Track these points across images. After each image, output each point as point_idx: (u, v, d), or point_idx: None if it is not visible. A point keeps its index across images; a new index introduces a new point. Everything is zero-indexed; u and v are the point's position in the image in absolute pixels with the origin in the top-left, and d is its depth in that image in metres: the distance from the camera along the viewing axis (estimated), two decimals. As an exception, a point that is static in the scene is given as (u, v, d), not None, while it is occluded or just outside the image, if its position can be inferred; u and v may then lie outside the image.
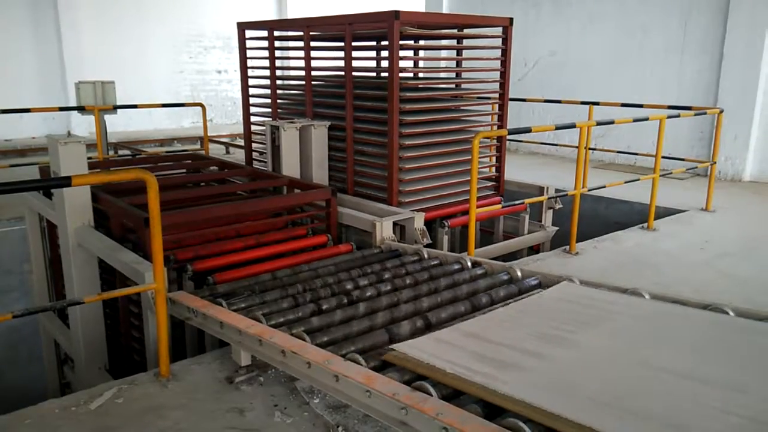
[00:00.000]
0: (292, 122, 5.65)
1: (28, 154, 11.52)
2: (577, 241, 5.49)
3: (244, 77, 6.90)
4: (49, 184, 4.29)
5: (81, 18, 14.31)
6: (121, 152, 10.88)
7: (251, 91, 6.95)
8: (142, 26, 15.35)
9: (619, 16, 9.86)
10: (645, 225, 6.20)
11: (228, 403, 2.88)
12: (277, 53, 6.62)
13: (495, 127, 6.09)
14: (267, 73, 6.63)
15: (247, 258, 4.31)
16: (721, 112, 6.78)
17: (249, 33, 6.83)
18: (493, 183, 6.23)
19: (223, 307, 3.36)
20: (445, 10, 12.35)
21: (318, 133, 5.65)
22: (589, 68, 10.29)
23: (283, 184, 5.42)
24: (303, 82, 6.27)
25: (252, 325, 3.06)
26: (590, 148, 7.78)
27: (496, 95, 6.08)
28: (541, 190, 6.29)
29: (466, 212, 5.77)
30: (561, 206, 6.31)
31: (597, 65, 10.20)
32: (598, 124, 5.74)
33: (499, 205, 5.55)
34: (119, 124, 13.26)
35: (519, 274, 3.86)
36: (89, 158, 4.68)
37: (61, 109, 9.34)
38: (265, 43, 6.57)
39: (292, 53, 6.39)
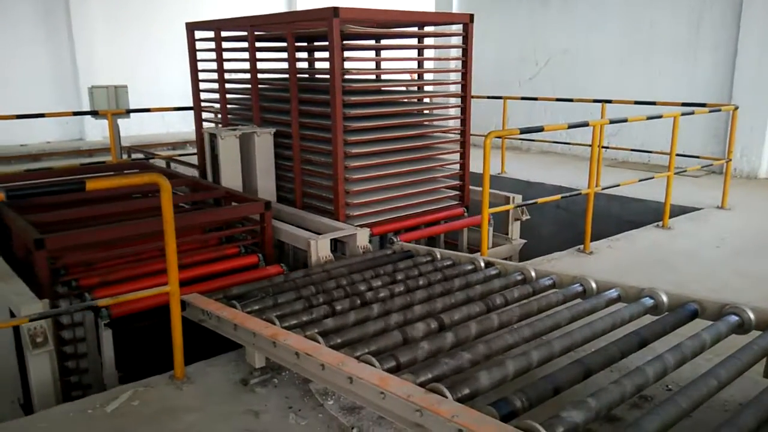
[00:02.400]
0: (232, 129, 5.25)
1: (42, 158, 11.64)
2: (591, 241, 5.45)
3: (195, 80, 6.56)
4: (62, 188, 4.25)
5: (93, 23, 14.42)
6: (134, 156, 10.94)
7: (202, 95, 6.61)
8: (153, 30, 15.41)
9: (630, 12, 9.77)
10: (660, 223, 6.14)
11: (242, 405, 2.88)
12: (226, 55, 6.22)
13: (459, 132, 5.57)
14: (215, 76, 6.27)
15: (159, 283, 3.81)
16: (736, 108, 6.70)
17: (198, 34, 6.55)
18: (458, 192, 5.77)
19: (237, 309, 3.37)
20: (455, 10, 12.32)
21: (262, 140, 5.23)
22: (601, 66, 10.22)
23: (220, 195, 5.04)
24: (249, 86, 5.87)
25: (266, 327, 3.06)
26: (603, 147, 7.71)
27: (458, 97, 5.63)
28: (507, 200, 5.87)
29: (424, 225, 5.39)
30: (528, 217, 5.94)
31: (608, 63, 10.13)
32: (611, 122, 5.70)
33: (510, 206, 5.49)
34: (133, 128, 13.33)
35: (533, 274, 3.84)
36: (101, 162, 4.61)
37: (75, 113, 9.41)
38: (213, 44, 6.22)
39: (238, 54, 6.14)
